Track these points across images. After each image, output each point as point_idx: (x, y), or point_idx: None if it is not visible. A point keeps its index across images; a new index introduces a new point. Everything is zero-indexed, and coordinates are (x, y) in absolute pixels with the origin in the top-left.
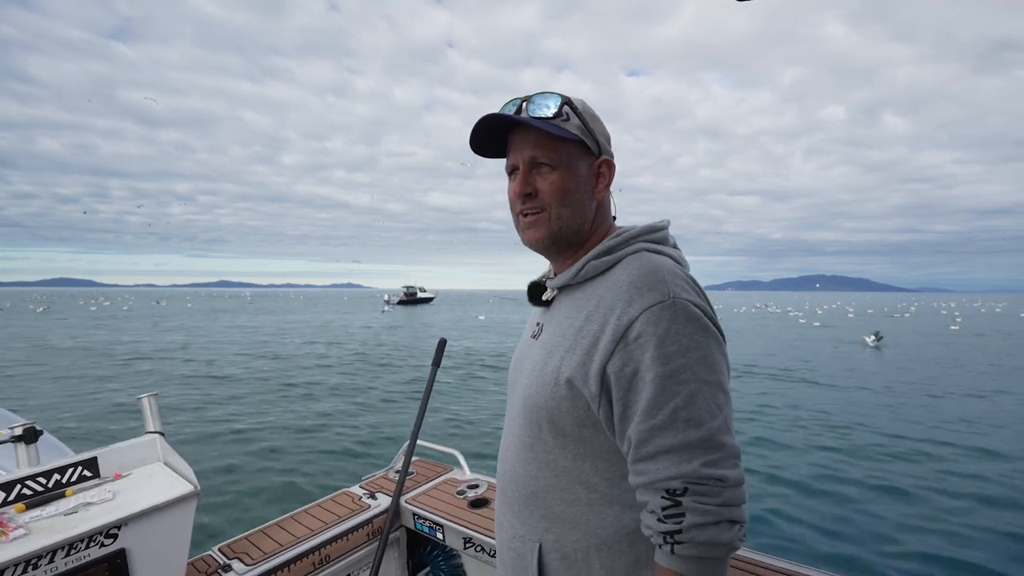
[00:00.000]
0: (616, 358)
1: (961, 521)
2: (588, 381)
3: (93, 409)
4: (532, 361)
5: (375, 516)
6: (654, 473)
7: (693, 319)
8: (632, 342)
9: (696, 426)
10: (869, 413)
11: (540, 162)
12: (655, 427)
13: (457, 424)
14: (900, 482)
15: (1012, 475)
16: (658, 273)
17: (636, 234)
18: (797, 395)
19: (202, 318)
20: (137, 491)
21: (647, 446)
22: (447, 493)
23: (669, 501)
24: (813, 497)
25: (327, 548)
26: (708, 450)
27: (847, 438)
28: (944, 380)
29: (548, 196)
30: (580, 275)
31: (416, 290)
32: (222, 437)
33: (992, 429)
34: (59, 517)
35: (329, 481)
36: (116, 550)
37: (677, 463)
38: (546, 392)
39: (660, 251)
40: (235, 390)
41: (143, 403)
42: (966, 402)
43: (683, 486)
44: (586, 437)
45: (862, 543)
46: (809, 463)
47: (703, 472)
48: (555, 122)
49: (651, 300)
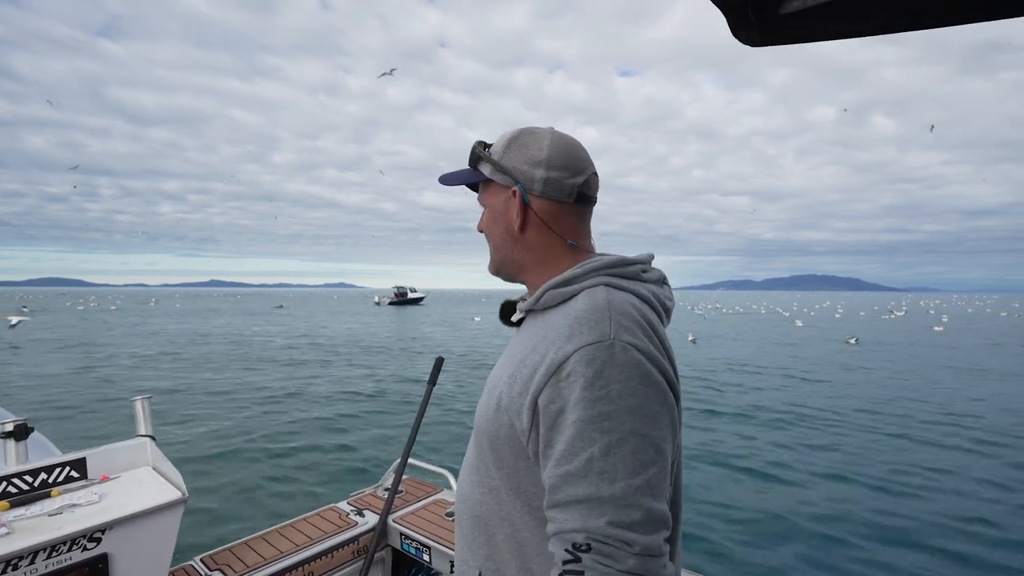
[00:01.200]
0: (546, 393)
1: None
2: (521, 414)
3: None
4: (488, 381)
5: (361, 534)
6: (561, 523)
7: (631, 364)
8: (563, 379)
9: (610, 481)
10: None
11: (480, 203)
12: (568, 474)
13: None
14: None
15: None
16: (603, 312)
17: (599, 266)
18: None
19: (194, 318)
20: (124, 495)
21: (558, 493)
22: (436, 514)
23: (571, 556)
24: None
25: (311, 564)
26: (620, 509)
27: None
28: (915, 374)
29: (484, 233)
30: (541, 302)
31: (407, 290)
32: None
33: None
34: (43, 517)
35: (316, 493)
36: (98, 555)
37: (584, 516)
38: (488, 416)
39: (622, 287)
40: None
41: (136, 406)
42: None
43: (586, 542)
44: (520, 470)
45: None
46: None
47: (609, 531)
48: (473, 166)
49: (588, 339)
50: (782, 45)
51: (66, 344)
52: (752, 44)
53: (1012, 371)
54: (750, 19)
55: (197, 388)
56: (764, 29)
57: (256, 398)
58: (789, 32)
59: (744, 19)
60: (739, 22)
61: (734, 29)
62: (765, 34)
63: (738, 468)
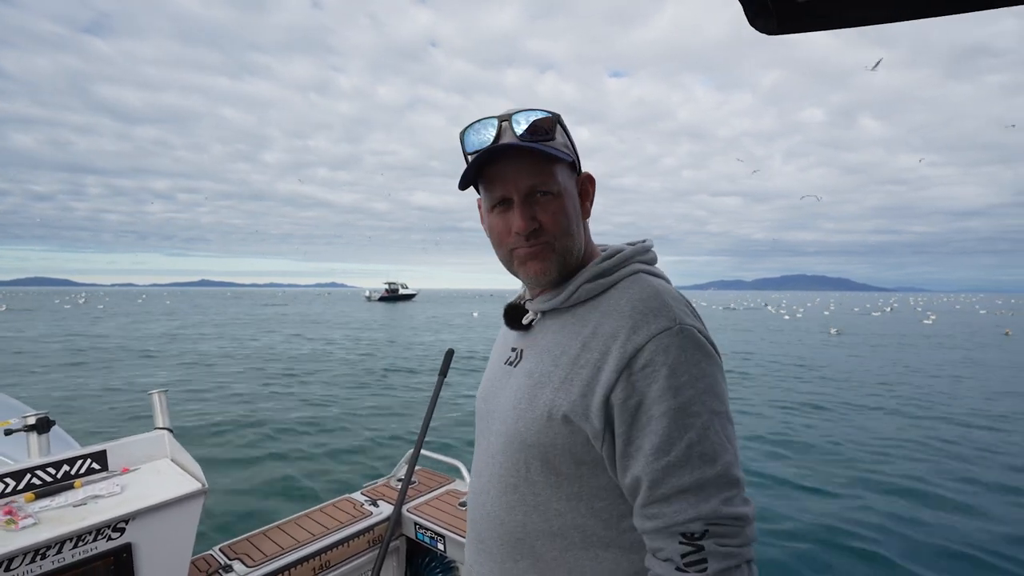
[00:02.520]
0: (619, 388)
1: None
2: (590, 415)
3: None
4: (514, 392)
5: (376, 524)
6: (670, 516)
7: (699, 346)
8: (638, 371)
9: (711, 462)
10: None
11: (539, 190)
12: (669, 465)
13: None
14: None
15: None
16: (661, 298)
17: (630, 255)
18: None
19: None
20: (145, 486)
21: (661, 487)
22: (449, 504)
23: (689, 546)
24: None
25: (327, 554)
26: (724, 487)
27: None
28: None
29: (552, 227)
30: (573, 298)
31: (398, 286)
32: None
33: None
34: (68, 508)
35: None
36: (123, 544)
37: (695, 503)
38: (537, 428)
39: (657, 273)
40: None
41: (153, 399)
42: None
43: (703, 528)
44: (583, 476)
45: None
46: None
47: (723, 511)
48: (550, 144)
49: (659, 326)
50: (800, 33)
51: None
52: (769, 32)
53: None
54: (768, 7)
55: (203, 383)
56: (782, 17)
57: (261, 393)
58: (807, 19)
59: (762, 7)
60: (756, 10)
61: (751, 17)
62: (783, 22)
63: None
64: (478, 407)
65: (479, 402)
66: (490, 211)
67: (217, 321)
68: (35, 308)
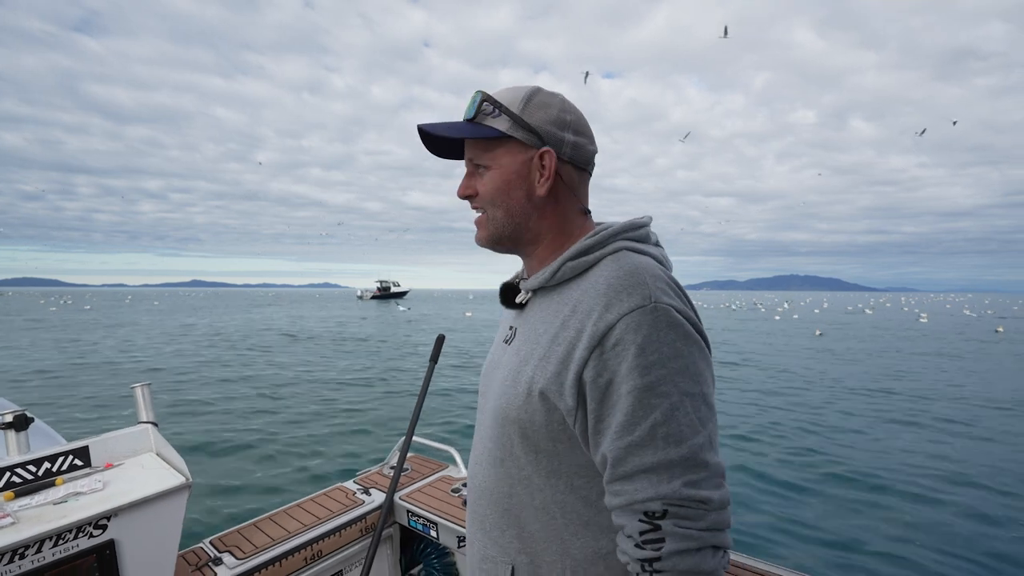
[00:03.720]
0: (591, 366)
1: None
2: (563, 393)
3: None
4: (504, 369)
5: (369, 512)
6: (631, 494)
7: (675, 325)
8: (609, 350)
9: (677, 443)
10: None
11: (477, 163)
12: (632, 444)
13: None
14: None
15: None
16: (638, 275)
17: (615, 232)
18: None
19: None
20: (128, 481)
21: (624, 464)
22: (442, 491)
23: (648, 524)
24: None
25: (319, 543)
26: (690, 469)
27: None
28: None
29: (484, 197)
30: (556, 277)
31: (390, 284)
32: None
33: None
34: (48, 506)
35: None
36: (105, 541)
37: (656, 483)
38: (518, 404)
39: (642, 250)
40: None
41: (136, 392)
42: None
43: (663, 508)
44: (560, 452)
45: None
46: None
47: (685, 493)
48: (477, 120)
49: (631, 304)
50: None
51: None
52: None
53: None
54: None
55: (195, 373)
56: None
57: (254, 384)
58: None
59: None
60: None
61: None
62: None
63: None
64: (480, 384)
65: (481, 379)
66: None
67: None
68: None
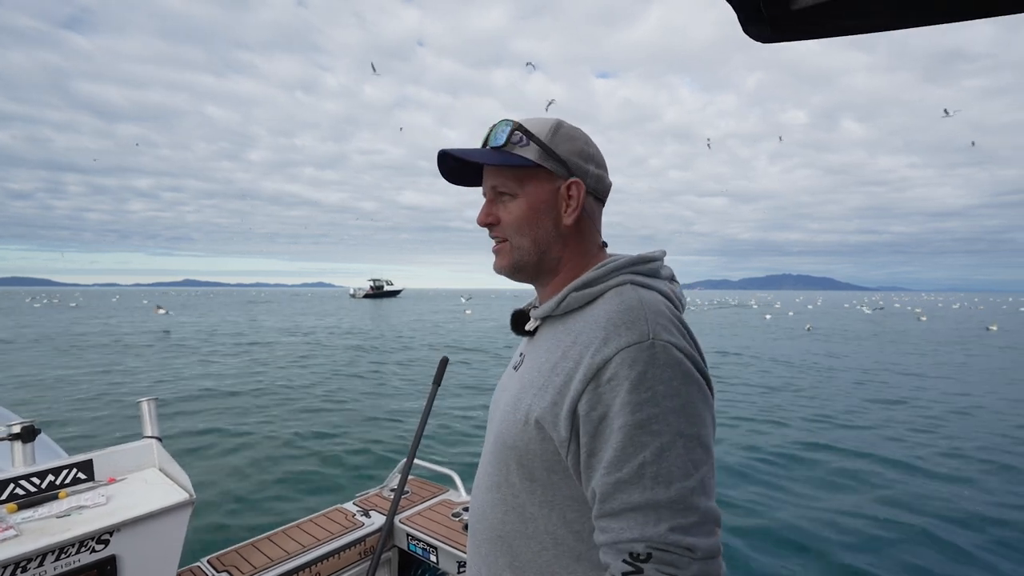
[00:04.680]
0: (585, 399)
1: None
2: (558, 424)
3: None
4: (509, 394)
5: (368, 535)
6: (617, 532)
7: (673, 363)
8: (604, 384)
9: (666, 485)
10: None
11: (500, 191)
12: (620, 481)
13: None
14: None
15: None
16: (639, 311)
17: (621, 265)
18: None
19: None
20: (131, 496)
21: (611, 501)
22: (442, 515)
23: (630, 567)
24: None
25: (318, 565)
26: (678, 513)
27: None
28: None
29: (507, 226)
30: (562, 307)
31: (383, 283)
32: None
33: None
34: (51, 519)
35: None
36: (107, 556)
37: (642, 524)
38: (515, 431)
39: (648, 285)
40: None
41: (142, 407)
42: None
43: (647, 551)
44: (555, 483)
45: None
46: None
47: (670, 538)
48: (506, 148)
49: (628, 340)
50: (793, 41)
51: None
52: (763, 40)
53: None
54: (762, 14)
55: (192, 386)
56: (775, 24)
57: (254, 396)
58: (800, 28)
59: (756, 14)
60: (750, 17)
61: (744, 24)
62: (776, 29)
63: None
64: (490, 409)
65: (491, 404)
66: None
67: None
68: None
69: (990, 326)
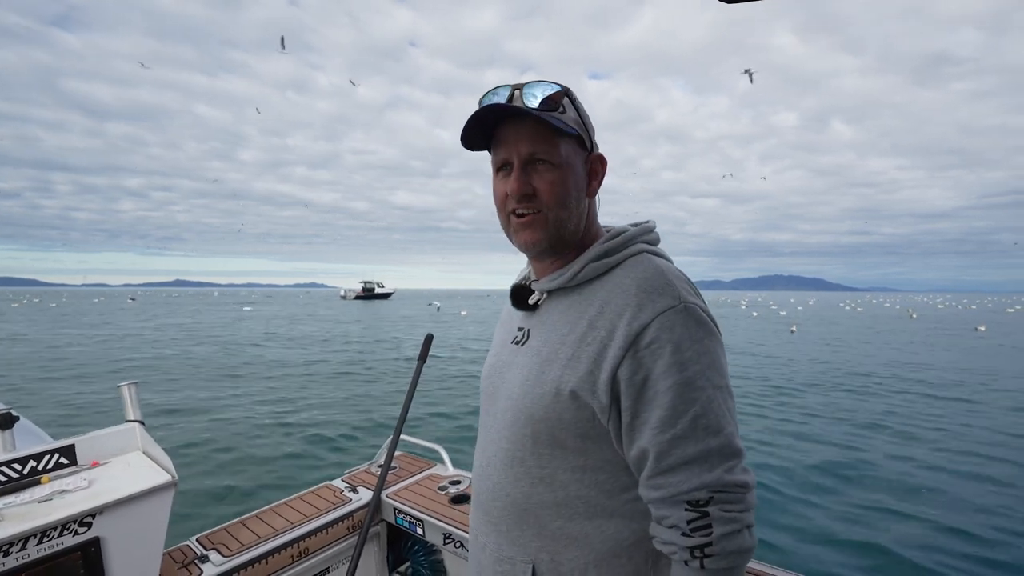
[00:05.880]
0: (626, 365)
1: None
2: (597, 391)
3: None
4: (522, 369)
5: (356, 510)
6: (676, 486)
7: (702, 323)
8: (644, 348)
9: (715, 433)
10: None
11: (539, 159)
12: (676, 437)
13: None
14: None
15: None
16: (666, 276)
17: (634, 235)
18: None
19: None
20: (114, 479)
21: (668, 458)
22: (429, 488)
23: (695, 512)
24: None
25: (306, 541)
26: (727, 456)
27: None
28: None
29: (547, 197)
30: (578, 277)
31: (374, 285)
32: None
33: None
34: (33, 504)
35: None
36: (90, 538)
37: (699, 473)
38: (545, 403)
39: (660, 253)
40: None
41: (123, 391)
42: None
43: (708, 495)
44: (588, 449)
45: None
46: None
47: (726, 479)
48: (555, 114)
49: (664, 305)
50: (756, 1)
51: None
52: (729, 0)
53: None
54: None
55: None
56: None
57: (247, 378)
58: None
59: None
60: None
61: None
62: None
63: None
64: (483, 386)
65: (484, 381)
66: (495, 174)
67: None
68: None
69: (980, 326)
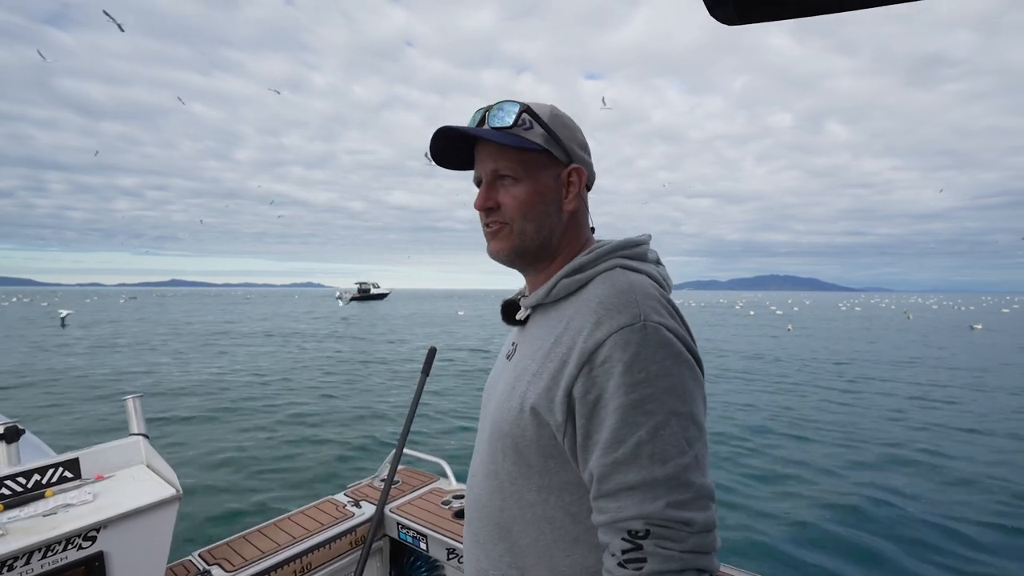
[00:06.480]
0: (580, 383)
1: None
2: (553, 409)
3: None
4: (504, 384)
5: (359, 524)
6: (615, 512)
7: (664, 344)
8: (598, 367)
9: (661, 462)
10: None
11: (502, 174)
12: (617, 461)
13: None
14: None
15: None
16: (629, 293)
17: (610, 250)
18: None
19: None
20: (119, 493)
21: (608, 482)
22: (432, 503)
23: (630, 544)
24: None
25: (309, 556)
26: (674, 489)
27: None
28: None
29: (510, 210)
30: (552, 294)
31: (369, 286)
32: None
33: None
34: (37, 518)
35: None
36: (94, 553)
37: (640, 502)
38: (511, 419)
39: (637, 268)
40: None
41: (128, 405)
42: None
43: (645, 528)
44: (551, 469)
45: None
46: None
47: (668, 514)
48: (514, 131)
49: (621, 322)
50: (759, 23)
51: None
52: (728, 23)
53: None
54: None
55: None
56: (740, 7)
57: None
58: (765, 9)
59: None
60: (716, 1)
61: (710, 7)
62: (742, 12)
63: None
64: (482, 398)
65: (483, 394)
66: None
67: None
68: None
69: (977, 324)
